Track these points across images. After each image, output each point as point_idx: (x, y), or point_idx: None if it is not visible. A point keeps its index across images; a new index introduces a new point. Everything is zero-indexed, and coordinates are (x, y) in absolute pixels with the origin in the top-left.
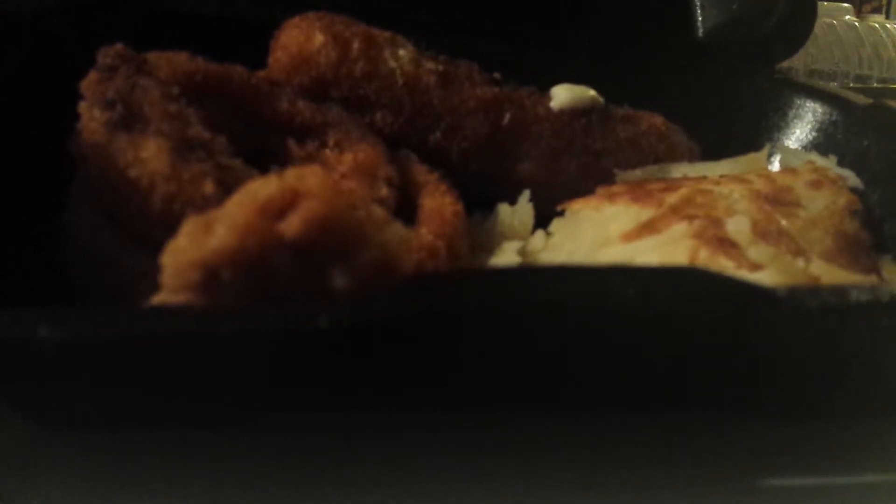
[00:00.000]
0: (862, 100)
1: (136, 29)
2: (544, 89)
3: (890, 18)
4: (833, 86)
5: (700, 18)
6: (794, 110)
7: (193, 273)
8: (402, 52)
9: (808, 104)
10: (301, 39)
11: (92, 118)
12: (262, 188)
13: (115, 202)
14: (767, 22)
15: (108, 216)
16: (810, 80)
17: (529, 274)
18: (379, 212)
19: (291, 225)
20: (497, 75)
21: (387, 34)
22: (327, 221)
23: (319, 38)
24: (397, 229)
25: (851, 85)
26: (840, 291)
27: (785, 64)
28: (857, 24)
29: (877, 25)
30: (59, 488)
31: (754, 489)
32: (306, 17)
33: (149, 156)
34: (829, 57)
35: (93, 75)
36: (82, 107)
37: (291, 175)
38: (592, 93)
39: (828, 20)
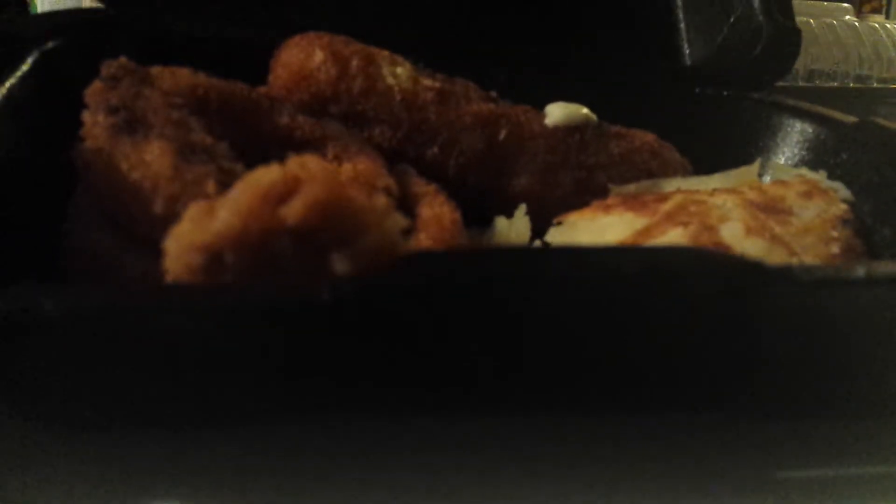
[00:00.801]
0: (848, 118)
1: (138, 49)
2: (539, 108)
3: (890, 18)
4: (833, 85)
5: (688, 46)
6: (782, 130)
7: (196, 256)
8: (399, 70)
9: (796, 124)
10: (301, 57)
11: (96, 123)
12: (265, 175)
13: (117, 205)
14: (752, 51)
15: (109, 218)
16: (808, 83)
17: (543, 252)
18: (379, 200)
19: (293, 209)
20: (493, 94)
21: (385, 52)
22: (328, 206)
23: (319, 56)
24: (398, 218)
25: (851, 85)
26: (835, 267)
27: None
28: (857, 24)
29: (877, 25)
30: (60, 488)
31: (770, 482)
32: (306, 35)
33: (151, 158)
34: (829, 57)
35: (96, 84)
36: (86, 114)
37: (294, 163)
38: (586, 111)
39: (828, 20)
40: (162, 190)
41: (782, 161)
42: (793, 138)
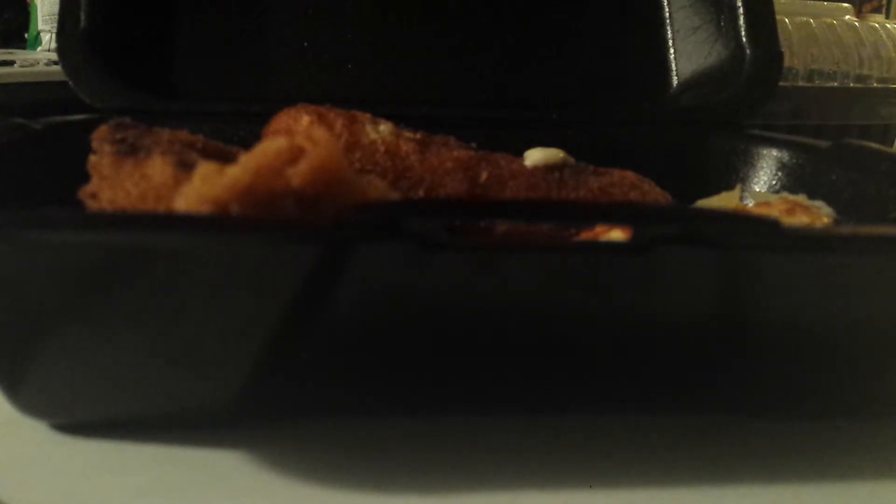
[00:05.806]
0: (822, 143)
1: None
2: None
3: (890, 18)
4: (833, 85)
5: (676, 77)
6: (761, 161)
7: (204, 209)
8: (382, 127)
9: (773, 153)
10: (290, 122)
11: (102, 154)
12: (273, 144)
13: None
14: (737, 77)
15: None
16: (808, 83)
17: None
18: (379, 181)
19: (299, 171)
20: (473, 145)
21: (367, 115)
22: (333, 173)
23: (306, 119)
24: (395, 195)
25: (851, 85)
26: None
27: (785, 64)
28: (857, 24)
29: (877, 25)
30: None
31: None
32: (293, 106)
33: (153, 172)
34: (829, 57)
35: (103, 128)
36: (91, 156)
37: (300, 135)
38: (563, 154)
39: (828, 20)
40: (165, 200)
41: (762, 190)
42: (771, 167)
